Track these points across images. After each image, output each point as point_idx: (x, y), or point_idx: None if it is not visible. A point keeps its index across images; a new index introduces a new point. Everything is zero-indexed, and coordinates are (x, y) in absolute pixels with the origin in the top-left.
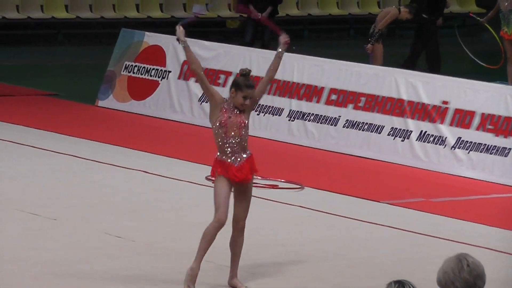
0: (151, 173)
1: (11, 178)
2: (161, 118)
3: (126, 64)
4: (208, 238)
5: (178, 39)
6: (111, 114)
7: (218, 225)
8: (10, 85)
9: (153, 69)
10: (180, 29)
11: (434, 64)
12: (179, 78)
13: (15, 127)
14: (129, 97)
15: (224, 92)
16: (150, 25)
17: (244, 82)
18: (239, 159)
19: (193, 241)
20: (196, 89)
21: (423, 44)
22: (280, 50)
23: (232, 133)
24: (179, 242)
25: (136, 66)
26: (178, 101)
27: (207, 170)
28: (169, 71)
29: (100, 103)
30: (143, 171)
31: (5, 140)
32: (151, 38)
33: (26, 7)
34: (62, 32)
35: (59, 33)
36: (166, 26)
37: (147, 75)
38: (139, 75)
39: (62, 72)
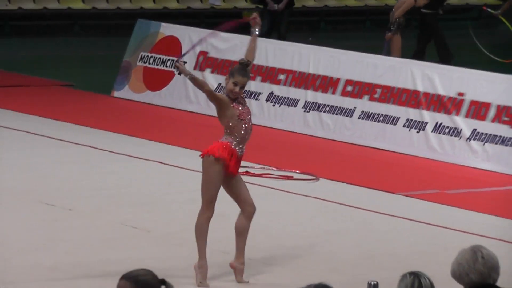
0: (167, 164)
1: (27, 169)
2: (176, 109)
3: (142, 55)
4: (204, 233)
5: (180, 73)
6: (127, 104)
7: (209, 218)
8: (27, 76)
9: (169, 59)
10: (180, 65)
11: (444, 56)
12: (194, 68)
13: (32, 118)
14: (145, 87)
15: None
16: (166, 16)
17: (238, 69)
18: (243, 150)
19: (210, 232)
20: (212, 80)
21: (427, 38)
22: (253, 30)
23: (247, 125)
24: (192, 233)
25: (152, 57)
26: (194, 92)
27: None
28: (185, 62)
29: (116, 93)
30: (159, 162)
31: (22, 131)
32: (167, 29)
33: None
34: (78, 23)
35: (75, 24)
36: (182, 17)
37: (163, 66)
38: (155, 66)
39: (78, 63)
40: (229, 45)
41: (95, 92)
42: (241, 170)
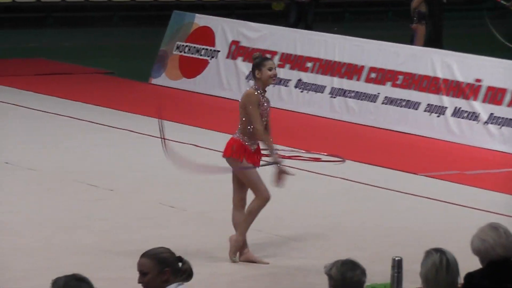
0: (201, 147)
1: (70, 151)
2: (210, 95)
3: (177, 44)
4: (255, 215)
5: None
6: (164, 91)
7: (265, 203)
8: (69, 64)
9: (203, 48)
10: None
11: (431, 40)
12: (227, 57)
13: (74, 104)
14: (181, 75)
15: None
16: (200, 7)
17: (262, 58)
18: (256, 145)
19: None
20: (244, 67)
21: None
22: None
23: (265, 122)
24: (228, 212)
25: (187, 46)
26: (226, 79)
27: None
28: (218, 51)
29: (153, 81)
30: (194, 145)
31: (65, 116)
32: (201, 20)
33: None
34: (117, 14)
35: (115, 15)
36: (215, 9)
37: (198, 55)
38: (190, 55)
39: (118, 52)
40: (259, 35)
41: (133, 79)
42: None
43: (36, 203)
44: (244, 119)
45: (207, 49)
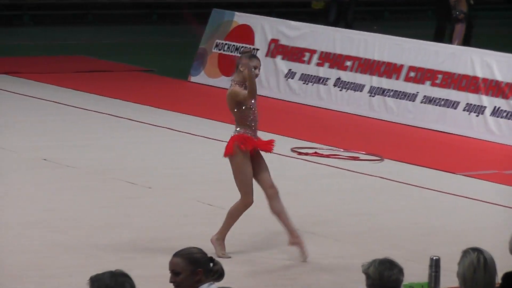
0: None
1: (110, 149)
2: None
3: (217, 42)
4: (236, 217)
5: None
6: (203, 89)
7: (247, 207)
8: (109, 62)
9: (242, 46)
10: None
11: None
12: (266, 55)
13: (114, 101)
14: (220, 73)
15: (308, 69)
16: (239, 5)
17: (250, 56)
18: (256, 132)
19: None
20: (283, 66)
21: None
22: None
23: (256, 111)
24: (265, 209)
25: (226, 44)
26: (266, 77)
27: (292, 142)
28: (257, 49)
29: (193, 78)
30: None
31: (104, 113)
32: (241, 18)
33: None
34: (156, 12)
35: (154, 12)
36: (254, 7)
37: (237, 53)
38: (229, 53)
39: (157, 50)
40: (299, 33)
41: (173, 77)
42: (310, 151)
43: (74, 201)
44: (237, 118)
45: (246, 47)
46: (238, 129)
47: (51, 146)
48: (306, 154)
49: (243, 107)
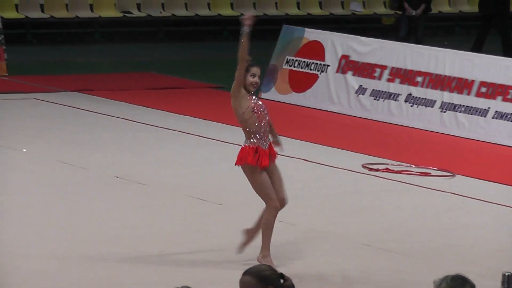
0: (311, 161)
1: (181, 166)
2: (320, 109)
3: (287, 59)
4: (271, 227)
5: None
6: (273, 105)
7: (276, 212)
8: (179, 79)
9: (313, 63)
10: (249, 16)
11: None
12: (337, 71)
13: (185, 118)
14: (290, 89)
15: (379, 85)
16: (310, 21)
17: (249, 62)
18: (267, 143)
19: (353, 225)
20: (354, 82)
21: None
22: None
23: (263, 118)
24: (338, 226)
25: (296, 60)
26: (336, 93)
27: (363, 158)
28: (328, 65)
29: (263, 95)
30: (303, 159)
31: (174, 130)
32: (311, 34)
33: (194, 5)
34: (227, 29)
35: (224, 29)
36: (325, 23)
37: (307, 69)
38: (300, 69)
39: (227, 66)
40: (369, 49)
41: None
42: (381, 167)
43: (146, 218)
44: (242, 124)
45: (316, 63)
46: (246, 140)
47: (123, 163)
48: (377, 170)
49: (243, 111)
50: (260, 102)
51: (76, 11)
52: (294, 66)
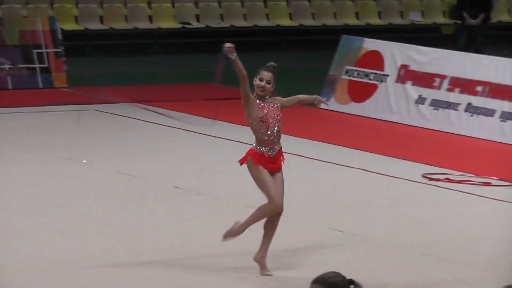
0: (370, 171)
1: (238, 176)
2: (379, 119)
3: (346, 69)
4: (261, 217)
5: (225, 54)
6: (333, 115)
7: (273, 213)
8: (239, 89)
9: (372, 73)
10: (229, 47)
11: None
12: (396, 81)
13: (244, 128)
14: (349, 99)
15: (439, 94)
16: (369, 31)
17: (263, 67)
18: (275, 151)
19: (412, 235)
20: (413, 91)
21: None
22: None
23: (272, 127)
24: (398, 237)
25: (355, 70)
26: (396, 103)
27: (423, 168)
28: (387, 75)
29: (322, 105)
30: (363, 169)
31: (235, 141)
32: (370, 44)
33: (253, 16)
34: (286, 39)
35: (283, 40)
36: (384, 33)
37: (366, 79)
38: (359, 79)
39: (287, 76)
40: (429, 58)
41: (302, 104)
42: (441, 177)
43: (206, 228)
44: (252, 131)
45: (376, 73)
46: (254, 144)
47: (183, 174)
48: (438, 180)
49: (252, 120)
50: (273, 108)
51: (135, 23)
52: (353, 76)
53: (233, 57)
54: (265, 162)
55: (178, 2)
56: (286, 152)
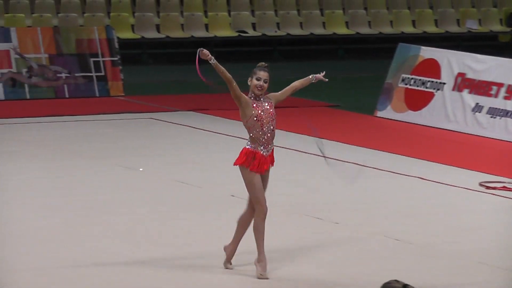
0: (427, 179)
1: (297, 184)
2: (435, 127)
3: (403, 77)
4: (261, 230)
5: (199, 60)
6: (389, 123)
7: (264, 216)
8: (295, 98)
9: (429, 81)
10: (204, 51)
11: None
12: (453, 89)
13: (300, 137)
14: (406, 107)
15: (496, 102)
16: (425, 39)
17: (257, 67)
18: (269, 151)
19: (469, 243)
20: (470, 100)
21: None
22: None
23: (267, 126)
24: (454, 245)
25: (412, 78)
26: (452, 111)
27: (480, 176)
28: (444, 83)
29: (379, 113)
30: (419, 177)
31: (290, 149)
32: (427, 52)
33: (309, 24)
34: (342, 47)
35: (339, 48)
36: (440, 41)
37: (423, 87)
38: (415, 87)
39: (343, 85)
40: (485, 66)
41: (359, 112)
42: (498, 185)
43: (267, 236)
44: (246, 129)
45: (432, 81)
46: (249, 142)
47: (238, 182)
48: (494, 188)
49: (247, 119)
50: (267, 106)
51: (192, 31)
52: (410, 84)
53: (213, 62)
54: (257, 161)
55: (235, 10)
56: (342, 160)
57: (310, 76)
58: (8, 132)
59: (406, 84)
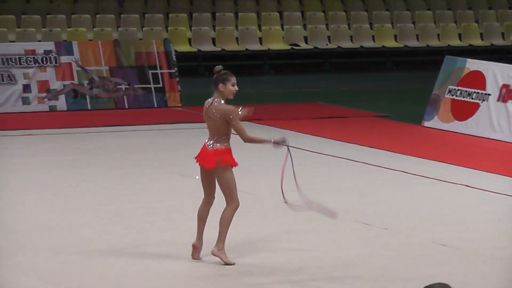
0: (473, 187)
1: (347, 192)
2: (481, 137)
3: (449, 88)
4: (229, 222)
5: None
6: (436, 133)
7: (236, 210)
8: (345, 108)
9: (474, 92)
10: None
11: None
12: (498, 100)
13: (350, 146)
14: (452, 118)
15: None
16: (471, 52)
17: (227, 74)
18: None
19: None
20: None
21: None
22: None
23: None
24: (500, 251)
25: (458, 89)
26: (498, 122)
27: None
28: (489, 94)
29: (426, 123)
30: (465, 185)
31: (341, 157)
32: (472, 64)
33: (359, 37)
34: (391, 60)
35: (388, 60)
36: (486, 53)
37: (469, 98)
38: (461, 98)
39: (392, 96)
40: None
41: (406, 122)
42: None
43: (314, 242)
44: (222, 129)
45: (478, 92)
46: (220, 143)
47: (290, 189)
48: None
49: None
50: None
51: (246, 44)
52: (456, 96)
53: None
54: (231, 156)
55: (287, 24)
56: (390, 169)
57: (268, 138)
58: (71, 141)
59: (452, 95)
